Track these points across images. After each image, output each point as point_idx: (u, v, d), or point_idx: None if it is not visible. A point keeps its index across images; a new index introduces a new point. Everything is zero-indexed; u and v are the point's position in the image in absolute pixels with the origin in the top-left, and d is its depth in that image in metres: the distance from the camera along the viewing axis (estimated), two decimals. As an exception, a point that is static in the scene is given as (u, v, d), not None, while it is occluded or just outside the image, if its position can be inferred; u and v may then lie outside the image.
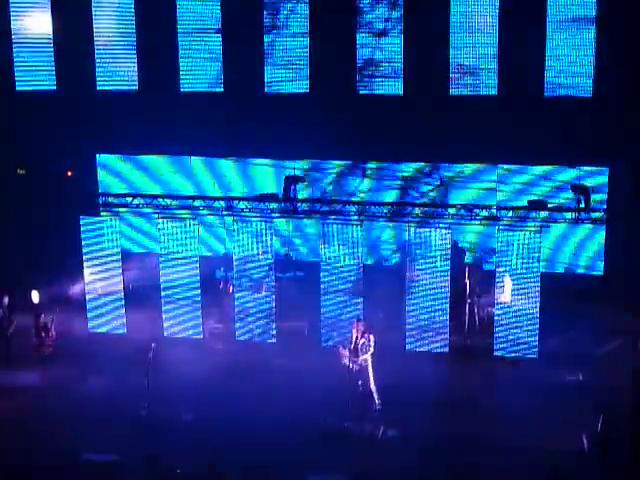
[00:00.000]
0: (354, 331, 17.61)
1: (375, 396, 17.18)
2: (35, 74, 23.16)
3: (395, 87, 22.45)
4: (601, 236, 22.69)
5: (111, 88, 23.28)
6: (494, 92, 21.93)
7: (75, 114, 22.85)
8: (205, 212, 22.03)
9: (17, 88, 23.06)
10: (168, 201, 21.45)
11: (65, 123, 22.89)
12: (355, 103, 22.59)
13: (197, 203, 21.61)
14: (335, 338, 19.73)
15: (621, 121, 20.91)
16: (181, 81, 23.08)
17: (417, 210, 20.63)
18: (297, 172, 22.57)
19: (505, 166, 22.98)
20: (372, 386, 17.21)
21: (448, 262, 19.84)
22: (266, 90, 22.90)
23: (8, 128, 22.96)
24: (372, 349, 17.34)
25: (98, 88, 23.19)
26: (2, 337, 19.86)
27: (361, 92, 22.65)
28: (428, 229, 20.01)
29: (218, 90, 23.13)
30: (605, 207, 21.59)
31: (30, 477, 14.09)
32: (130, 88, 23.29)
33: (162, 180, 24.43)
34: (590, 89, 21.57)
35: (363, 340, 17.32)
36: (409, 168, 23.29)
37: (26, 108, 22.86)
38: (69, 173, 24.14)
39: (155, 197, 21.84)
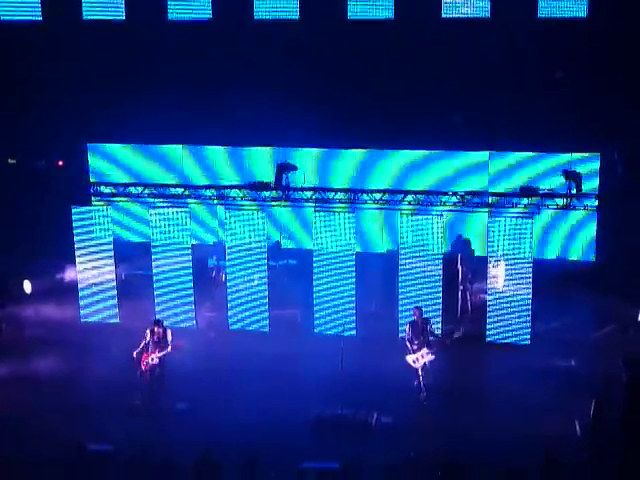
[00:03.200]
0: (415, 320, 17.26)
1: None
2: (19, 3, 23.10)
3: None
4: (593, 222, 22.75)
5: (97, 17, 23.12)
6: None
7: (60, 44, 22.75)
8: (197, 200, 21.96)
9: (1, 18, 22.99)
10: (160, 189, 21.37)
11: (50, 54, 22.72)
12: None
13: (189, 192, 21.53)
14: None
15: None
16: (169, 10, 22.98)
17: (409, 197, 20.56)
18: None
19: (497, 152, 23.09)
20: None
21: (440, 249, 19.88)
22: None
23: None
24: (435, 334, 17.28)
25: (84, 17, 23.11)
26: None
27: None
28: (420, 216, 20.01)
29: (207, 17, 23.04)
30: (597, 193, 21.61)
31: (24, 467, 14.07)
32: (116, 18, 23.13)
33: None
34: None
35: (426, 328, 17.09)
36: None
37: (10, 38, 22.79)
38: (60, 163, 24.09)
39: (147, 186, 21.77)
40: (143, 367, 16.82)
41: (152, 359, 16.82)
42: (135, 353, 16.87)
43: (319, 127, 22.51)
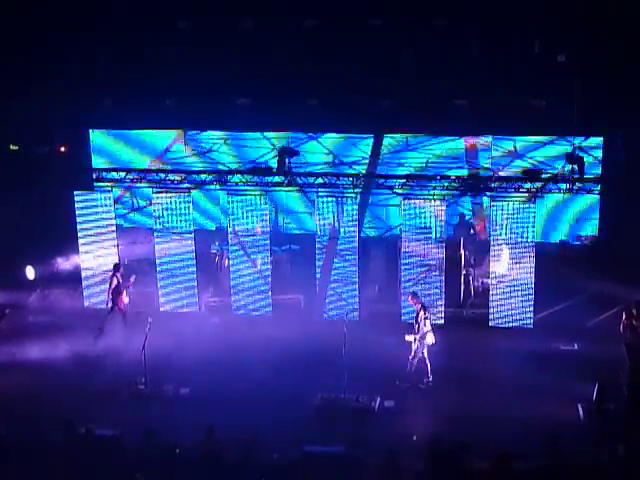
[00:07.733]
0: (412, 306, 17.44)
1: (428, 370, 17.13)
2: None
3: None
4: (595, 206, 22.70)
5: None
6: None
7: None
8: (199, 186, 21.87)
9: None
10: (162, 175, 21.27)
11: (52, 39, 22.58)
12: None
13: (191, 177, 21.43)
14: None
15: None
16: None
17: (411, 181, 20.49)
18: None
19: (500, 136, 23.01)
20: (427, 360, 17.10)
21: (442, 233, 19.86)
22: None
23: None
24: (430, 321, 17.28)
25: None
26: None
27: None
28: (422, 200, 19.96)
29: None
30: (599, 176, 21.54)
31: (29, 450, 14.10)
32: None
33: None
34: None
35: (422, 313, 17.15)
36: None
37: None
38: (62, 149, 24.05)
39: (149, 172, 21.70)
40: (121, 306, 19.39)
41: (126, 299, 19.47)
42: (110, 292, 19.41)
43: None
